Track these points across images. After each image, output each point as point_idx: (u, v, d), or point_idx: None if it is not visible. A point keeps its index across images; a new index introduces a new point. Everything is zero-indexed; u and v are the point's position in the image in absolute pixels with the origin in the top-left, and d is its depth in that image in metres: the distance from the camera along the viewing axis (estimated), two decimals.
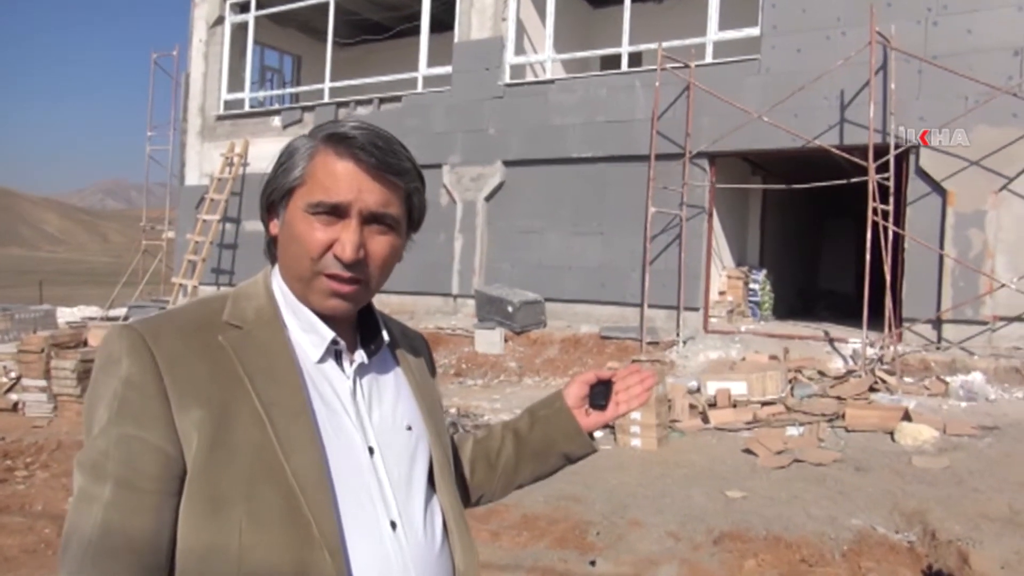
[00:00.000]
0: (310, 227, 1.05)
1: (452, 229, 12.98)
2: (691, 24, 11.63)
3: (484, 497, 1.45)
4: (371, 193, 1.05)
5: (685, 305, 10.85)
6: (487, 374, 10.43)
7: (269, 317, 1.09)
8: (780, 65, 10.41)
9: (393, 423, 1.15)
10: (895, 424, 6.93)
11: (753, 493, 5.51)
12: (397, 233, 1.11)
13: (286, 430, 1.01)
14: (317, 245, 1.05)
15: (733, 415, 7.60)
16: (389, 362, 1.22)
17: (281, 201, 1.10)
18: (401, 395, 1.19)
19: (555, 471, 1.45)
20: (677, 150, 10.94)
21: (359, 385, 1.13)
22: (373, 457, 1.09)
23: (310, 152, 1.07)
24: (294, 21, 17.54)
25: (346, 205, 1.04)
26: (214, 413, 0.99)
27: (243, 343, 1.05)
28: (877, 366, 8.98)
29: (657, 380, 1.40)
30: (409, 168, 1.10)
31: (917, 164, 9.57)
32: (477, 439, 1.46)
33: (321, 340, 1.10)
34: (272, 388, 1.03)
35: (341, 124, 1.08)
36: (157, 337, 1.02)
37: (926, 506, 5.09)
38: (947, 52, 9.32)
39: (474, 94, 12.89)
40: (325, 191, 1.04)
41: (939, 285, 9.42)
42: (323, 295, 1.07)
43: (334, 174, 1.05)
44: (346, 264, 1.05)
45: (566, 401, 1.39)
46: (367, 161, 1.05)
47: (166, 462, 0.98)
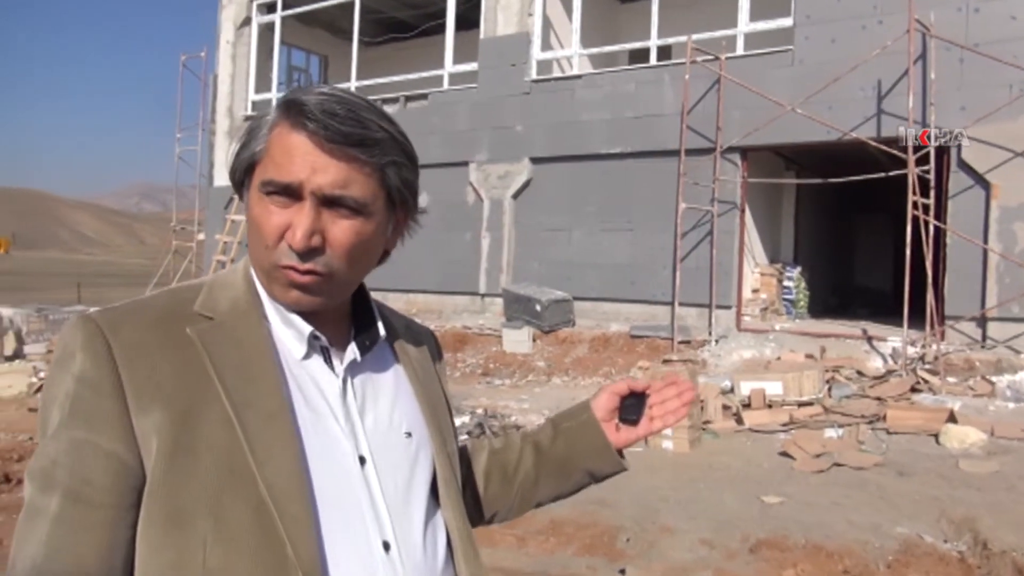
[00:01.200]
0: (265, 210, 0.92)
1: (479, 228, 12.85)
2: (721, 16, 11.36)
3: (499, 515, 1.28)
4: (325, 172, 0.89)
5: (717, 303, 10.60)
6: (515, 374, 10.28)
7: (245, 308, 0.96)
8: (814, 56, 10.12)
9: (389, 428, 1.01)
10: (940, 426, 6.65)
11: (790, 498, 5.29)
12: (367, 217, 0.93)
13: (259, 434, 0.88)
14: (271, 231, 0.91)
15: (768, 416, 7.36)
16: (388, 359, 1.07)
17: (244, 179, 0.97)
18: (400, 397, 1.05)
19: (578, 489, 1.28)
20: (707, 145, 10.69)
21: (350, 385, 0.99)
22: (364, 467, 0.96)
23: (271, 123, 0.93)
24: (320, 21, 17.55)
25: (298, 185, 0.89)
26: (176, 414, 0.87)
27: (214, 336, 0.92)
28: (919, 365, 8.67)
29: (694, 393, 1.20)
30: (381, 138, 0.92)
31: (959, 156, 9.24)
32: (493, 449, 1.29)
33: (300, 335, 0.96)
34: (245, 387, 0.90)
35: (303, 90, 0.93)
36: (116, 328, 0.90)
37: (976, 513, 4.83)
38: (990, 39, 8.97)
39: (500, 91, 12.74)
40: (277, 169, 0.90)
41: (983, 281, 9.08)
42: (282, 287, 0.94)
43: (287, 149, 0.90)
44: (298, 253, 0.90)
45: (594, 413, 1.23)
46: (320, 132, 0.88)
47: (121, 471, 0.86)
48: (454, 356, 11.06)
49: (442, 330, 11.77)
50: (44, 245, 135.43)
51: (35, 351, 10.52)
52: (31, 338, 11.15)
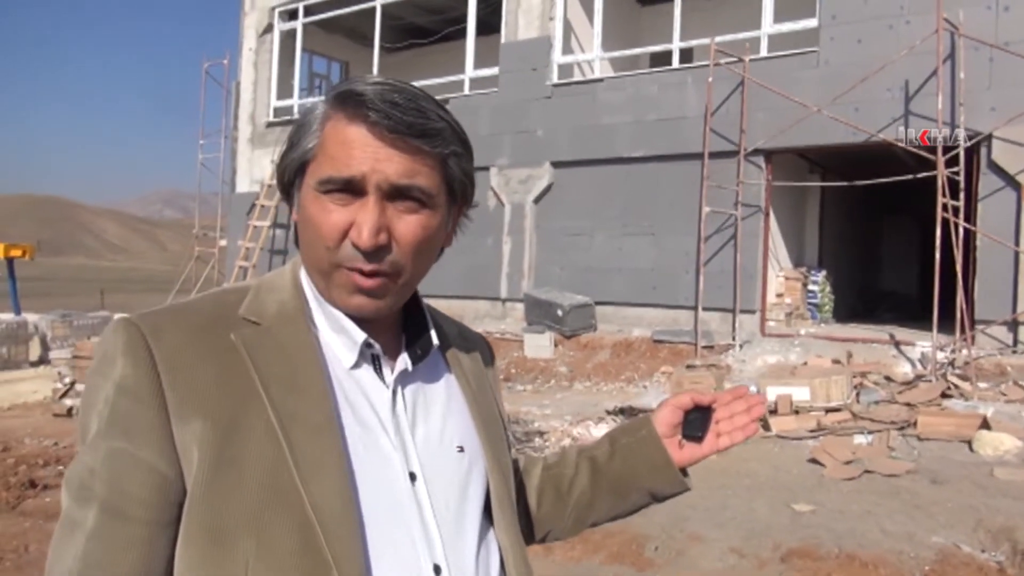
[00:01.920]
0: (323, 209, 0.87)
1: (500, 232, 12.81)
2: (744, 18, 11.26)
3: (552, 534, 1.21)
4: (390, 162, 0.85)
5: (741, 308, 10.48)
6: (536, 379, 10.22)
7: (293, 314, 0.91)
8: (840, 57, 9.99)
9: (441, 443, 0.95)
10: (972, 433, 6.50)
11: (821, 506, 5.18)
12: (433, 209, 0.90)
13: (305, 449, 0.83)
14: (332, 230, 0.86)
15: (796, 422, 7.24)
16: (440, 369, 1.02)
17: (295, 181, 0.92)
18: (452, 409, 0.99)
19: (637, 509, 1.20)
20: (731, 147, 10.59)
21: (401, 396, 0.94)
22: (415, 484, 0.90)
23: (322, 118, 0.88)
24: (341, 27, 17.61)
25: (360, 179, 0.85)
26: (220, 426, 0.82)
27: (259, 343, 0.88)
28: (948, 371, 8.51)
29: (763, 409, 1.13)
30: (441, 128, 0.88)
31: (989, 157, 9.08)
32: (547, 464, 1.22)
33: (352, 343, 0.91)
34: (291, 397, 0.85)
35: (356, 80, 0.88)
36: (159, 333, 0.85)
37: (1014, 522, 4.70)
38: (1020, 38, 8.81)
39: (521, 95, 12.71)
40: (334, 164, 0.85)
41: (1015, 285, 8.91)
42: (344, 291, 0.89)
43: (345, 142, 0.85)
44: (365, 252, 0.85)
45: (655, 428, 1.15)
46: (382, 123, 0.84)
47: (160, 484, 0.82)
48: None
49: None
50: (69, 252, 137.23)
51: (60, 356, 10.59)
52: (56, 344, 11.24)
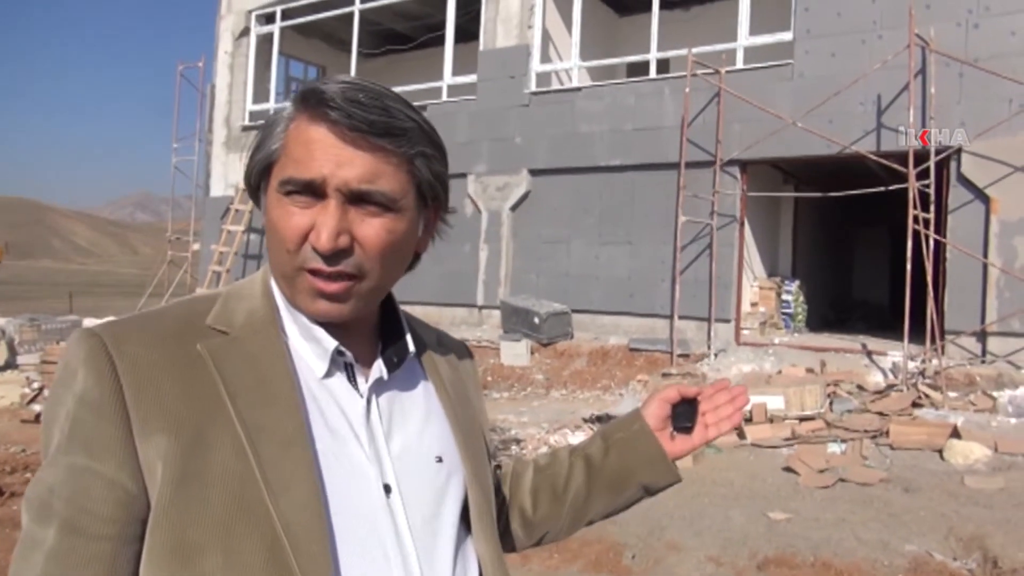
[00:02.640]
0: (285, 212, 0.84)
1: (477, 239, 12.80)
2: (720, 30, 11.39)
3: (549, 535, 1.21)
4: (351, 165, 0.82)
5: (716, 316, 10.56)
6: (513, 387, 10.21)
7: (263, 322, 0.89)
8: (814, 70, 10.13)
9: (419, 453, 0.93)
10: (943, 441, 6.60)
11: (797, 514, 5.22)
12: (399, 213, 0.86)
13: (274, 463, 0.80)
14: (293, 233, 0.84)
15: (771, 431, 7.30)
16: (417, 377, 0.99)
17: (260, 183, 0.90)
18: (431, 418, 0.97)
19: (630, 505, 1.20)
20: (707, 158, 10.69)
21: (376, 406, 0.91)
22: (390, 497, 0.88)
23: (287, 119, 0.86)
24: (319, 32, 17.54)
25: (321, 181, 0.82)
26: (185, 440, 0.79)
27: (227, 353, 0.85)
28: (919, 380, 8.64)
29: (746, 399, 1.15)
30: (408, 127, 0.85)
31: (959, 170, 9.24)
32: (539, 466, 1.22)
33: (323, 351, 0.89)
34: (260, 409, 0.83)
35: (323, 80, 0.86)
36: (122, 343, 0.83)
37: (985, 531, 4.77)
38: (989, 54, 9.00)
39: (499, 102, 12.73)
40: (296, 165, 0.83)
41: (983, 296, 9.07)
42: (308, 296, 0.86)
43: (306, 143, 0.83)
44: (324, 255, 0.83)
45: (647, 422, 1.16)
46: (343, 122, 0.81)
47: (123, 500, 0.79)
48: None
49: None
50: (37, 254, 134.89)
51: (28, 361, 10.39)
52: (24, 348, 11.03)
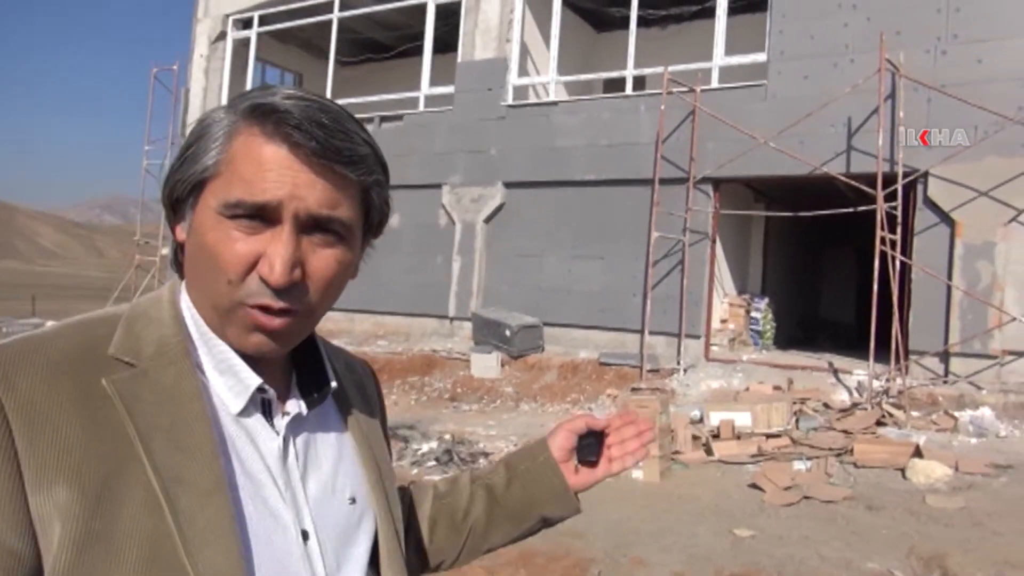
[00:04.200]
0: (226, 236, 0.75)
1: (450, 250, 12.79)
2: (696, 49, 11.53)
3: (445, 563, 1.17)
4: (311, 189, 0.75)
5: (686, 332, 10.63)
6: (483, 399, 10.18)
7: (175, 352, 0.78)
8: (787, 91, 10.29)
9: (333, 494, 0.87)
10: (906, 460, 6.69)
11: (762, 532, 5.26)
12: (348, 244, 0.81)
13: (193, 516, 0.72)
14: (236, 262, 0.75)
15: (737, 447, 7.35)
16: (330, 411, 0.92)
17: (188, 198, 0.80)
18: (344, 456, 0.91)
19: (529, 535, 1.18)
20: (681, 175, 10.79)
21: (292, 445, 0.84)
22: (307, 543, 0.82)
23: (229, 130, 0.77)
24: (296, 39, 17.49)
25: (276, 205, 0.75)
26: (89, 493, 0.69)
27: (137, 389, 0.75)
28: (883, 399, 8.76)
29: (653, 434, 1.15)
30: (366, 154, 0.80)
31: (925, 194, 9.42)
32: (439, 493, 1.17)
33: (243, 387, 0.80)
34: (175, 455, 0.73)
35: (270, 91, 0.78)
36: (12, 378, 0.71)
37: (945, 549, 4.84)
38: (957, 81, 9.20)
39: (476, 114, 12.75)
40: (246, 186, 0.75)
41: (947, 317, 9.23)
42: (243, 330, 0.78)
43: (259, 162, 0.75)
44: (276, 290, 0.75)
45: (552, 453, 1.13)
46: (307, 145, 0.74)
47: (11, 566, 0.68)
48: (421, 380, 10.93)
49: (410, 353, 11.65)
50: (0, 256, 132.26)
51: None
52: None
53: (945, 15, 9.42)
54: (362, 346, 12.01)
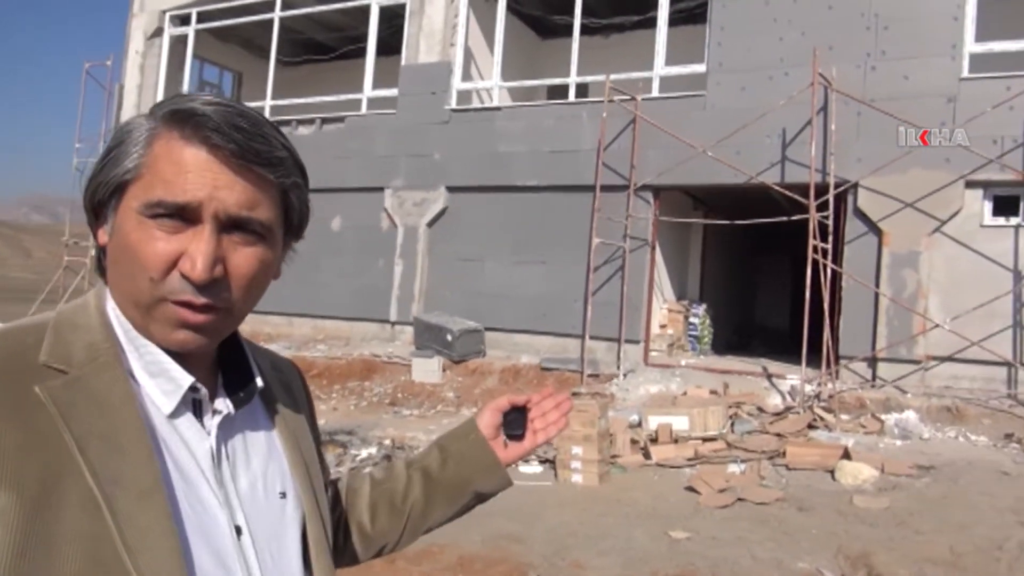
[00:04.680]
0: (148, 235, 0.78)
1: (392, 254, 12.70)
2: (638, 58, 11.71)
3: (388, 547, 1.22)
4: (231, 190, 0.79)
5: (626, 337, 10.77)
6: (423, 404, 10.13)
7: (106, 358, 0.80)
8: (725, 102, 10.52)
9: (264, 491, 0.90)
10: (835, 462, 6.89)
11: (697, 533, 5.35)
12: (268, 244, 0.84)
13: (132, 517, 0.74)
14: (158, 260, 0.78)
15: (675, 451, 7.47)
16: (257, 410, 0.95)
17: (110, 201, 0.82)
18: (273, 453, 0.94)
19: (466, 511, 1.25)
20: (622, 182, 10.93)
21: (223, 444, 0.87)
22: (241, 539, 0.84)
23: (149, 135, 0.81)
24: (236, 37, 17.15)
25: (196, 206, 0.78)
26: (27, 499, 0.70)
27: (70, 396, 0.76)
28: (815, 403, 9.01)
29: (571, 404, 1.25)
30: (284, 157, 0.84)
31: (855, 204, 9.74)
32: (375, 480, 1.22)
33: (175, 387, 0.83)
34: (113, 460, 0.75)
35: (189, 97, 0.82)
36: None
37: (870, 548, 5.00)
38: (885, 96, 9.54)
39: (419, 118, 12.71)
40: (167, 187, 0.78)
41: (875, 324, 9.55)
42: (167, 325, 0.80)
43: (179, 164, 0.78)
44: (197, 286, 0.78)
45: (480, 431, 1.21)
46: (225, 147, 0.78)
47: None
48: (361, 384, 10.82)
49: (350, 357, 11.52)
50: None
51: None
52: None
53: (874, 32, 9.77)
54: (301, 350, 11.83)
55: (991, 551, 5.01)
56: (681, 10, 11.84)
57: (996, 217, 9.23)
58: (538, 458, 7.22)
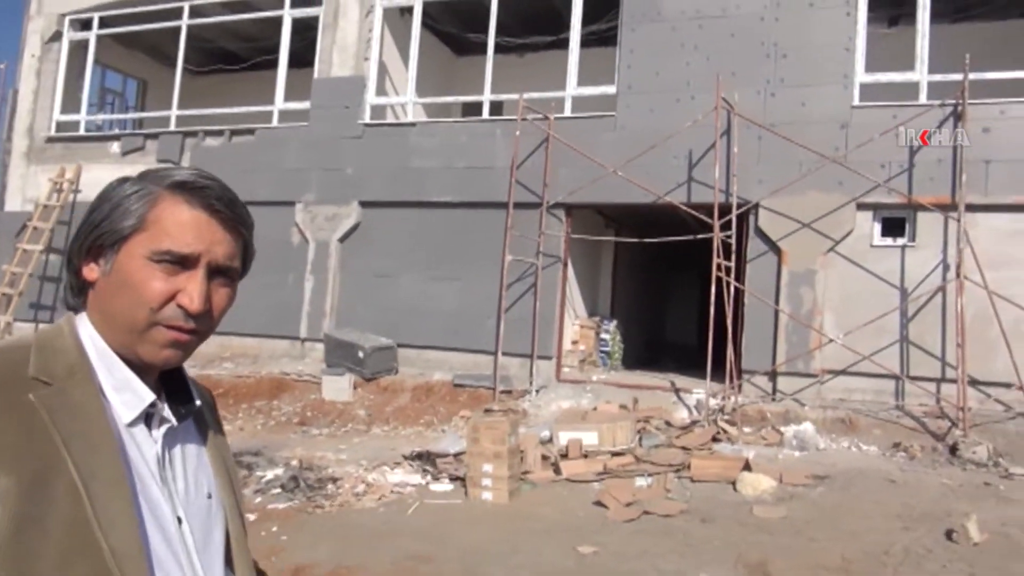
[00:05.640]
0: (151, 275, 1.01)
1: (303, 270, 12.47)
2: (551, 78, 11.90)
3: None
4: (222, 245, 1.04)
5: (539, 354, 10.87)
6: (334, 423, 9.95)
7: (82, 375, 1.00)
8: (634, 123, 10.81)
9: (196, 491, 1.09)
10: (736, 474, 7.12)
11: (604, 548, 5.43)
12: (234, 284, 1.10)
13: (105, 504, 0.92)
14: (159, 295, 1.00)
15: (584, 466, 7.57)
16: (191, 425, 1.15)
17: (112, 246, 1.03)
18: (201, 462, 1.14)
19: None
20: (535, 199, 11.07)
21: (167, 451, 1.07)
22: (181, 527, 1.04)
23: (151, 198, 1.03)
24: (141, 43, 16.56)
25: (196, 256, 1.02)
26: (24, 483, 0.88)
27: (56, 403, 0.95)
28: (719, 416, 9.30)
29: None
30: (250, 219, 1.11)
31: (756, 224, 10.14)
32: None
33: (138, 401, 1.03)
34: (91, 456, 0.94)
35: (182, 170, 1.07)
36: None
37: (768, 557, 5.19)
38: (784, 121, 10.00)
39: (332, 132, 12.56)
40: (174, 240, 1.01)
41: (775, 339, 9.94)
42: (158, 346, 1.02)
43: (184, 224, 1.02)
44: (192, 315, 1.02)
45: None
46: (222, 212, 1.04)
47: None
48: (269, 404, 10.55)
49: (258, 376, 11.22)
50: None
51: None
52: None
53: (773, 60, 10.24)
54: (206, 368, 11.46)
55: (879, 556, 5.27)
56: (593, 32, 12.12)
57: (884, 238, 9.78)
58: (448, 476, 7.20)
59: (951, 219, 9.22)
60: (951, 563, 5.12)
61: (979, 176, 9.24)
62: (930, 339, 9.43)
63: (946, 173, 9.40)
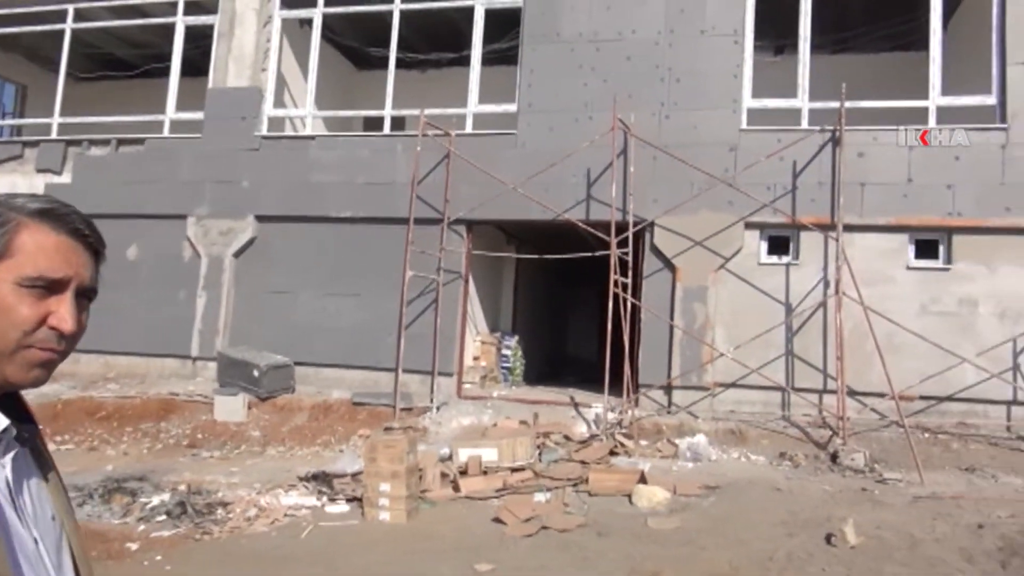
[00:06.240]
0: (20, 301, 1.02)
1: (195, 286, 12.01)
2: (453, 94, 11.94)
3: None
4: (86, 268, 1.08)
5: (439, 370, 10.81)
6: (226, 445, 9.58)
7: None
8: (534, 141, 10.96)
9: (44, 513, 1.10)
10: (632, 487, 7.26)
11: (502, 565, 5.43)
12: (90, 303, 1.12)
13: None
14: (33, 319, 1.03)
15: (484, 483, 7.56)
16: (29, 452, 1.14)
17: None
18: (42, 484, 1.15)
19: None
20: (436, 215, 11.04)
21: (14, 475, 1.06)
22: (39, 547, 1.05)
23: (13, 225, 1.04)
24: (20, 46, 15.65)
25: (67, 280, 1.05)
26: None
27: None
28: (617, 430, 9.48)
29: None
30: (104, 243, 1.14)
31: (652, 242, 10.44)
32: None
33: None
34: None
35: (38, 198, 1.08)
36: None
37: (661, 567, 5.30)
38: (677, 143, 10.35)
39: (227, 144, 12.19)
40: (44, 266, 1.03)
41: (670, 353, 10.23)
42: (27, 367, 1.04)
43: (51, 250, 1.04)
44: (64, 336, 1.04)
45: None
46: (88, 237, 1.08)
47: None
48: (157, 426, 10.06)
49: (145, 396, 10.71)
50: None
51: None
52: None
53: (667, 84, 10.60)
54: (88, 390, 10.85)
55: (764, 562, 5.47)
56: (495, 51, 12.24)
57: (771, 256, 10.24)
58: (346, 497, 7.05)
59: (830, 238, 9.75)
60: (830, 566, 5.36)
61: (855, 198, 9.82)
62: (813, 352, 9.92)
63: (826, 195, 9.95)
